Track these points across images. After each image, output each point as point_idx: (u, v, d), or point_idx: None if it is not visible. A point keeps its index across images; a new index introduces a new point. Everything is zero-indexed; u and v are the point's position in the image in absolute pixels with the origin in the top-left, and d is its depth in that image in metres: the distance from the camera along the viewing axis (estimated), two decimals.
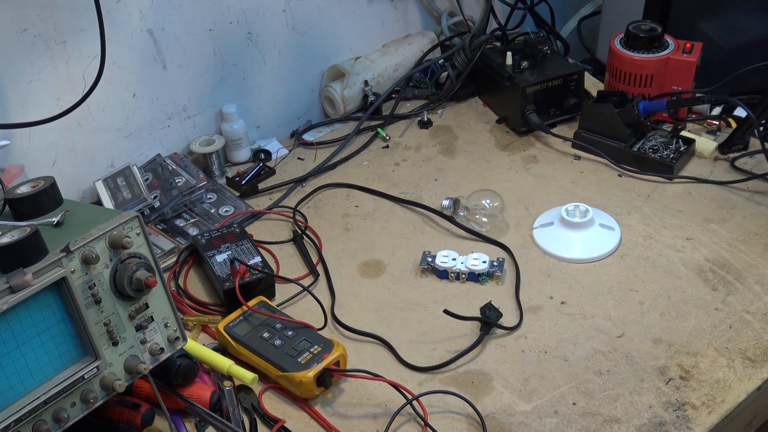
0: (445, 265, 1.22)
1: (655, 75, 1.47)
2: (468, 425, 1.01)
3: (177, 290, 1.23)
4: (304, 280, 1.25)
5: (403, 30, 1.73)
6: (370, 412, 1.03)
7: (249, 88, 1.53)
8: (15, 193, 0.95)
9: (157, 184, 1.37)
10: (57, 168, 1.32)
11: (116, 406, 0.99)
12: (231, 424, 0.98)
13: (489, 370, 1.08)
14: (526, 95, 1.50)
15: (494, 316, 1.13)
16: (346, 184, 1.44)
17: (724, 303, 1.15)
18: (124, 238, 0.88)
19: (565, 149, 1.50)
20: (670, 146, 1.42)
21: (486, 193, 1.33)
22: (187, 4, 1.37)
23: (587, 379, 1.05)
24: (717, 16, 1.59)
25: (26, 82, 1.24)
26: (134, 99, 1.38)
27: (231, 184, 1.45)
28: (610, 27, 1.68)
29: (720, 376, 1.04)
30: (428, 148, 1.53)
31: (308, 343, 1.07)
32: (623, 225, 1.30)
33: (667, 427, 0.98)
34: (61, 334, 0.86)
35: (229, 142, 1.49)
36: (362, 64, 1.64)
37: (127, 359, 0.92)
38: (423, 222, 1.35)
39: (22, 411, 0.83)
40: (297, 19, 1.53)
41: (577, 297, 1.18)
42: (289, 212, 1.38)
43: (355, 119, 1.62)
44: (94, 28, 1.21)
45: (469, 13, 1.77)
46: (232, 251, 1.23)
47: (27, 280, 0.81)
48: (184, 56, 1.41)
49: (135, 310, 0.93)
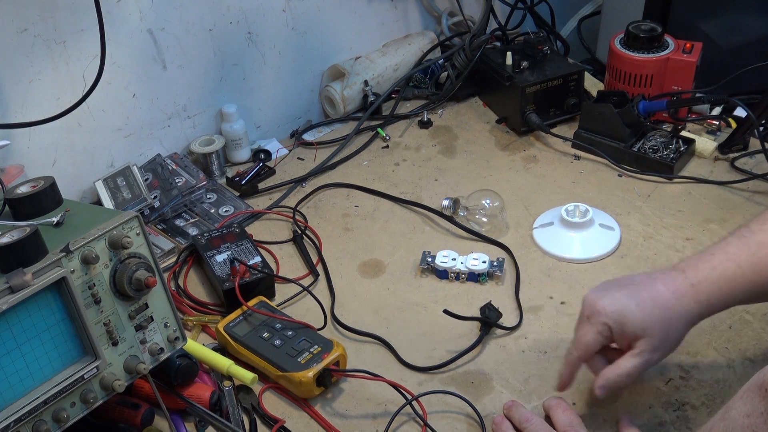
0: (445, 265, 1.22)
1: (655, 75, 1.47)
2: (468, 425, 1.01)
3: (177, 290, 1.23)
4: (304, 280, 1.25)
5: (403, 30, 1.73)
6: (370, 412, 1.03)
7: (249, 88, 1.53)
8: (15, 193, 0.95)
9: (157, 184, 1.37)
10: (57, 168, 1.32)
11: (116, 406, 0.99)
12: (231, 424, 0.98)
13: (489, 370, 1.08)
14: (526, 95, 1.50)
15: (494, 316, 1.13)
16: (346, 184, 1.44)
17: None
18: (123, 238, 0.88)
19: (565, 149, 1.49)
20: (670, 146, 1.42)
21: (486, 193, 1.33)
22: (187, 4, 1.37)
23: (587, 380, 1.05)
24: (717, 16, 1.59)
25: (26, 82, 1.24)
26: (134, 99, 1.38)
27: (231, 184, 1.45)
28: (610, 27, 1.68)
29: (720, 376, 1.04)
30: (428, 148, 1.53)
31: (308, 343, 1.07)
32: (623, 225, 1.30)
33: (667, 427, 0.98)
34: (61, 334, 0.86)
35: (229, 142, 1.49)
36: (362, 64, 1.64)
37: (126, 359, 0.92)
38: (423, 222, 1.35)
39: (21, 411, 0.82)
40: (297, 19, 1.53)
41: (577, 297, 1.18)
42: (289, 212, 1.38)
43: (355, 119, 1.62)
44: (94, 28, 1.21)
45: (469, 13, 1.77)
46: (232, 251, 1.23)
47: (27, 280, 0.81)
48: (184, 56, 1.41)
49: (135, 310, 0.93)
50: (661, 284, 0.92)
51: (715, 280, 0.91)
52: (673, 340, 0.92)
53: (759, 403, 0.72)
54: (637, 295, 0.92)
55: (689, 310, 0.91)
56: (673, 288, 0.91)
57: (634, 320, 0.90)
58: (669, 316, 0.90)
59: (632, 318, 0.90)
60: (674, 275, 0.93)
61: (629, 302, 0.91)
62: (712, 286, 0.91)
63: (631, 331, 0.91)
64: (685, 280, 0.92)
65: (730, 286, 0.91)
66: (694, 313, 0.92)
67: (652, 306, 0.91)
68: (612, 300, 0.92)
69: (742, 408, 0.74)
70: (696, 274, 0.92)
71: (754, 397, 0.72)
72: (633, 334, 0.91)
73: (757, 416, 0.72)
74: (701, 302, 0.91)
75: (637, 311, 0.90)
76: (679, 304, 0.91)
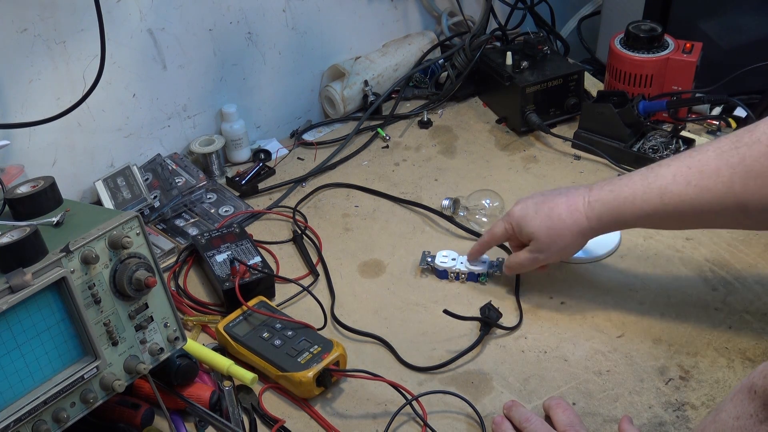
0: (445, 265, 1.22)
1: (655, 75, 1.47)
2: (468, 425, 1.01)
3: (177, 290, 1.23)
4: (304, 280, 1.25)
5: (403, 30, 1.73)
6: (370, 412, 1.03)
7: (249, 88, 1.53)
8: (15, 193, 0.95)
9: (157, 184, 1.37)
10: (57, 168, 1.32)
11: (116, 406, 0.99)
12: (231, 424, 0.98)
13: (489, 370, 1.08)
14: (525, 95, 1.50)
15: (494, 316, 1.13)
16: (346, 184, 1.44)
17: (723, 303, 1.15)
18: (123, 238, 0.88)
19: (565, 149, 1.50)
20: (670, 146, 1.42)
21: (486, 193, 1.33)
22: (187, 4, 1.37)
23: (587, 380, 1.05)
24: (717, 16, 1.59)
25: (26, 82, 1.24)
26: (134, 99, 1.38)
27: (231, 184, 1.45)
28: (610, 27, 1.68)
29: (720, 376, 1.04)
30: (428, 148, 1.53)
31: (308, 343, 1.07)
32: None
33: (666, 427, 0.98)
34: (61, 334, 0.86)
35: (229, 142, 1.49)
36: (362, 64, 1.64)
37: (126, 359, 0.92)
38: (423, 222, 1.35)
39: (21, 411, 0.82)
40: (297, 19, 1.53)
41: (577, 297, 1.18)
42: (289, 212, 1.38)
43: (355, 119, 1.62)
44: (94, 28, 1.21)
45: (469, 13, 1.77)
46: (232, 251, 1.23)
47: (27, 280, 0.81)
48: (184, 56, 1.41)
49: (135, 310, 0.93)
50: (564, 198, 1.08)
51: (607, 202, 1.04)
52: (562, 245, 1.09)
53: (748, 405, 0.72)
54: (541, 205, 1.09)
55: (578, 223, 1.06)
56: (571, 203, 1.06)
57: (529, 224, 1.09)
58: (558, 226, 1.07)
59: (528, 223, 1.09)
60: (581, 192, 1.07)
61: (532, 210, 1.09)
62: (603, 206, 1.04)
63: (525, 232, 1.10)
64: (585, 198, 1.06)
65: (620, 210, 1.03)
66: (584, 227, 1.06)
67: (546, 216, 1.08)
68: (522, 206, 1.11)
69: (732, 410, 0.74)
70: (596, 194, 1.05)
71: (744, 399, 0.72)
72: (527, 235, 1.11)
73: (747, 418, 0.72)
74: (591, 218, 1.05)
75: (534, 218, 1.09)
76: (570, 218, 1.06)
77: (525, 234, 1.11)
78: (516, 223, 1.11)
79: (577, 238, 1.08)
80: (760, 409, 0.71)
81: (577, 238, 1.07)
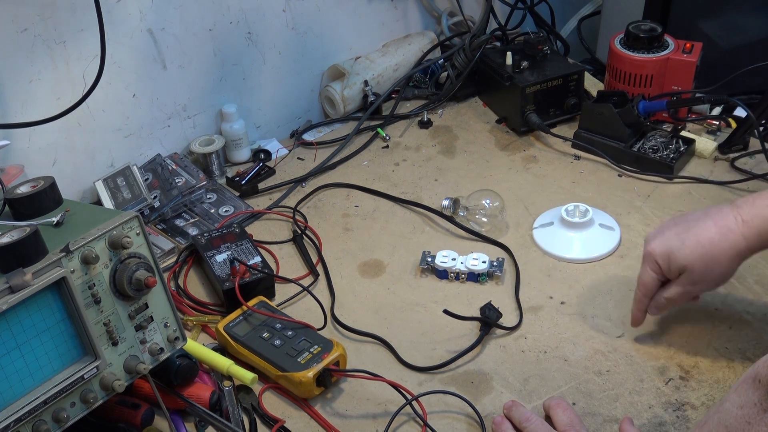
0: (445, 265, 1.22)
1: (655, 75, 1.47)
2: (468, 425, 1.01)
3: (177, 290, 1.23)
4: (303, 280, 1.25)
5: (403, 30, 1.73)
6: (370, 412, 1.03)
7: (249, 88, 1.53)
8: (15, 193, 0.95)
9: (157, 184, 1.37)
10: (57, 168, 1.32)
11: (116, 406, 0.99)
12: (231, 424, 0.98)
13: (489, 370, 1.08)
14: (526, 95, 1.50)
15: (494, 316, 1.13)
16: (346, 184, 1.44)
17: (723, 303, 1.15)
18: (123, 238, 0.88)
19: (565, 149, 1.49)
20: (670, 146, 1.42)
21: (486, 193, 1.33)
22: (187, 4, 1.37)
23: (587, 379, 1.05)
24: (717, 16, 1.59)
25: (26, 82, 1.24)
26: (134, 99, 1.38)
27: (231, 184, 1.45)
28: (610, 27, 1.68)
29: (720, 376, 1.04)
30: (428, 148, 1.53)
31: (308, 343, 1.07)
32: (623, 225, 1.30)
33: (666, 427, 0.98)
34: (61, 334, 0.86)
35: (229, 142, 1.49)
36: (362, 64, 1.64)
37: (126, 359, 0.92)
38: (423, 222, 1.35)
39: (21, 411, 0.83)
40: (297, 19, 1.53)
41: (577, 297, 1.18)
42: (289, 212, 1.38)
43: (355, 119, 1.62)
44: (94, 28, 1.21)
45: (469, 13, 1.77)
46: (232, 251, 1.23)
47: (27, 280, 0.81)
48: (184, 56, 1.41)
49: (135, 310, 0.93)
50: (711, 221, 0.99)
51: (766, 216, 0.96)
52: (717, 273, 1.00)
53: (752, 394, 0.72)
54: (684, 234, 1.00)
55: (735, 245, 0.97)
56: (722, 224, 0.98)
57: (678, 258, 1.00)
58: (713, 252, 0.98)
59: (677, 256, 1.00)
60: (727, 212, 0.99)
61: (675, 242, 1.00)
62: (763, 222, 0.96)
63: (675, 267, 1.01)
64: (737, 217, 0.98)
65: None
66: (742, 248, 0.97)
67: (695, 243, 0.99)
68: (661, 241, 1.02)
69: (736, 399, 0.74)
70: (749, 210, 0.98)
71: (748, 389, 0.73)
72: (677, 270, 1.01)
73: (751, 407, 0.72)
74: (749, 237, 0.97)
75: (681, 249, 0.99)
76: (725, 240, 0.97)
77: (675, 269, 1.01)
78: (662, 261, 1.01)
79: (734, 262, 0.99)
80: (764, 398, 0.72)
81: (734, 261, 0.99)
